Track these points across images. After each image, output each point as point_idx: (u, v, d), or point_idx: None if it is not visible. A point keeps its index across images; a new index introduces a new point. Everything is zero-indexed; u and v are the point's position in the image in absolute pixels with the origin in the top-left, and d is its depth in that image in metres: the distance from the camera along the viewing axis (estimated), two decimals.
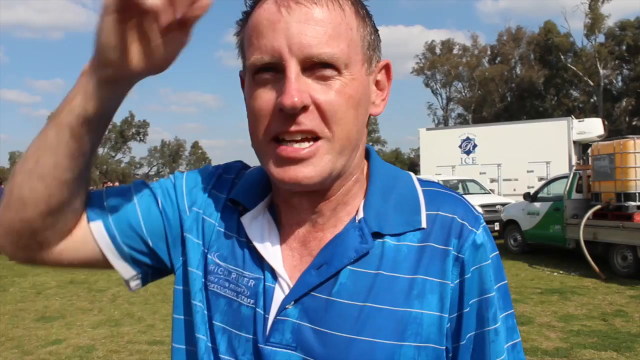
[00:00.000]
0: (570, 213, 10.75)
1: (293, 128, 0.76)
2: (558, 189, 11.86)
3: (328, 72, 0.76)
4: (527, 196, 12.52)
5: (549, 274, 10.01)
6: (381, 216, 0.83)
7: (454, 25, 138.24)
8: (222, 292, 0.86)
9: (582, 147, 18.81)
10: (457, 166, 20.58)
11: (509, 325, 0.87)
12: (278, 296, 0.82)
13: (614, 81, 64.75)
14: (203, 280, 0.88)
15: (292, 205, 0.87)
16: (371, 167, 0.89)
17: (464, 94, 77.23)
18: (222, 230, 0.89)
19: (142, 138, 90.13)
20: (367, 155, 0.92)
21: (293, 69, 0.75)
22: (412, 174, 0.92)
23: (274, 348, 0.80)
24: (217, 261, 0.88)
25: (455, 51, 76.37)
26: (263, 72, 0.77)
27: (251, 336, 0.82)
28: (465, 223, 0.84)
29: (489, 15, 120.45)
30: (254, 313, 0.82)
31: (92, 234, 0.89)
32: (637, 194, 9.51)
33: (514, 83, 70.07)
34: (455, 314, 0.82)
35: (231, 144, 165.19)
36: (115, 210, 0.91)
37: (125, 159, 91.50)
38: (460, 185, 17.35)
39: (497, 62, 72.43)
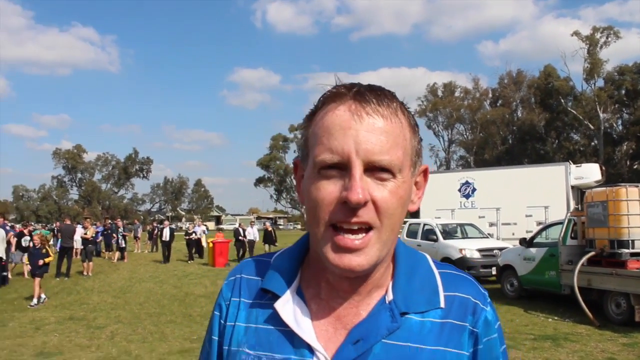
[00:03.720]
0: (565, 259, 10.87)
1: (354, 220, 0.88)
2: (554, 234, 11.96)
3: (385, 175, 0.90)
4: (523, 241, 12.64)
5: (544, 320, 10.08)
6: (407, 297, 0.97)
7: (455, 67, 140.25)
8: None
9: (580, 192, 18.97)
10: (456, 209, 20.73)
11: None
12: None
13: (614, 125, 65.24)
14: None
15: (332, 286, 0.98)
16: (396, 251, 1.02)
17: (465, 136, 77.82)
18: (253, 325, 1.02)
19: (145, 175, 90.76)
20: None
21: (358, 169, 0.87)
22: (427, 256, 1.07)
23: None
24: (248, 351, 0.99)
25: (457, 93, 77.32)
26: (330, 168, 0.90)
27: None
28: (478, 302, 1.00)
29: (490, 58, 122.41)
30: None
31: None
32: (630, 241, 9.64)
33: (515, 126, 70.65)
34: None
35: (233, 182, 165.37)
36: None
37: (128, 195, 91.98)
38: (459, 229, 17.45)
39: (498, 104, 73.20)
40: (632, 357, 7.35)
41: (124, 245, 24.71)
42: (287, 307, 0.99)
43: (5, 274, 16.44)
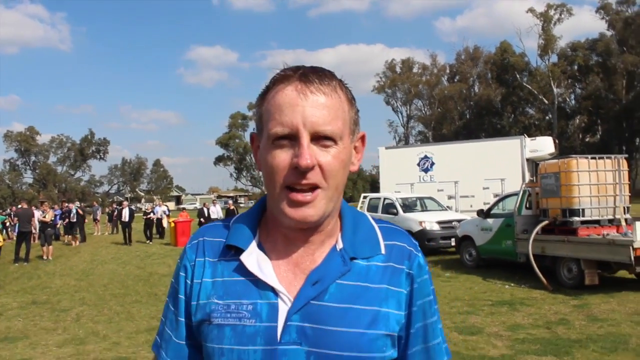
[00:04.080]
0: (520, 228, 11.28)
1: (304, 182, 1.05)
2: (510, 205, 12.38)
3: (328, 142, 1.06)
4: (480, 213, 13.03)
5: (501, 287, 10.49)
6: (354, 245, 1.15)
7: (413, 44, 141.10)
8: (225, 322, 1.10)
9: (535, 164, 19.52)
10: (415, 183, 21.09)
11: (438, 315, 1.23)
12: (282, 308, 1.08)
13: (568, 99, 67.04)
14: (207, 322, 1.13)
15: (289, 238, 1.14)
16: (342, 209, 1.19)
17: (424, 111, 78.69)
18: (219, 279, 1.15)
19: (102, 156, 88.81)
20: None
21: (305, 139, 1.04)
22: (367, 214, 1.25)
23: (285, 347, 1.06)
24: (217, 301, 1.12)
25: (415, 70, 77.91)
26: (281, 139, 1.06)
27: (258, 347, 1.07)
28: (412, 249, 1.19)
29: (447, 34, 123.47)
30: (255, 329, 1.08)
31: None
32: (580, 210, 10.08)
33: (472, 101, 71.80)
34: (407, 311, 1.16)
35: (193, 161, 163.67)
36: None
37: (85, 177, 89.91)
38: (418, 202, 17.81)
39: (455, 80, 74.17)
40: (582, 317, 7.76)
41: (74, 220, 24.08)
42: (251, 258, 1.13)
43: None
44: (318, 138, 1.05)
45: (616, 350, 6.13)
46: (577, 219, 10.05)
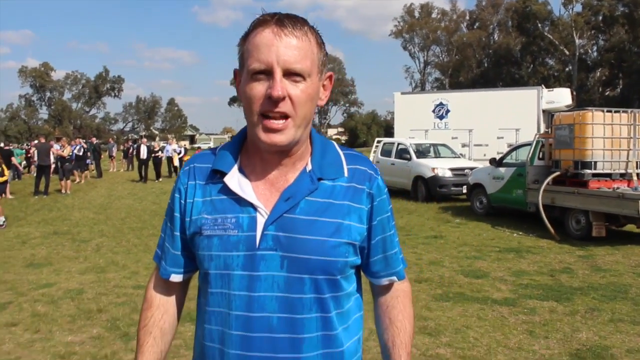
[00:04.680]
0: (531, 178, 11.38)
1: (276, 110, 1.22)
2: (523, 155, 12.41)
3: (298, 78, 1.24)
4: (492, 161, 13.09)
5: (509, 235, 10.70)
6: (322, 168, 1.34)
7: None
8: (213, 233, 1.31)
9: (551, 116, 19.40)
10: (430, 130, 21.05)
11: (395, 230, 1.45)
12: (260, 220, 1.28)
13: (590, 51, 65.43)
14: (198, 234, 1.34)
15: (265, 160, 1.33)
16: (312, 137, 1.39)
17: (441, 58, 77.41)
18: (208, 198, 1.35)
19: (116, 94, 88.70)
20: None
21: (278, 74, 1.21)
22: (334, 142, 1.44)
23: (262, 252, 1.27)
24: (206, 216, 1.33)
25: (434, 15, 76.19)
26: (258, 74, 1.23)
27: (241, 253, 1.28)
28: (372, 173, 1.39)
29: None
30: (238, 238, 1.28)
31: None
32: (592, 162, 10.14)
33: (491, 49, 70.44)
34: (368, 225, 1.37)
35: (207, 101, 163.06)
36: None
37: (100, 115, 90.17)
38: (432, 149, 17.83)
39: (475, 27, 72.56)
40: (585, 267, 7.97)
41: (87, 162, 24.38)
42: (233, 180, 1.33)
43: None
44: (289, 74, 1.23)
45: (615, 299, 6.34)
46: (588, 171, 10.12)
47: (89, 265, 8.09)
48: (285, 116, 1.24)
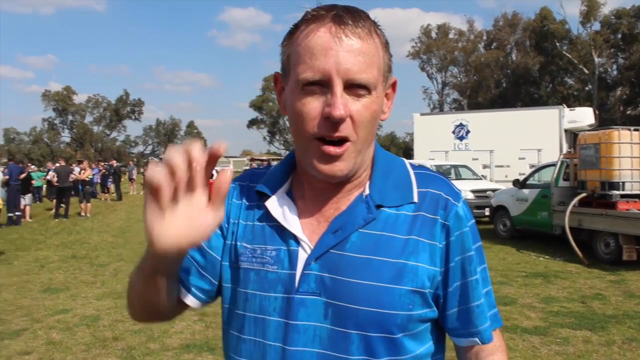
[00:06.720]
0: (557, 200, 11.10)
1: (336, 135, 0.99)
2: (547, 176, 12.16)
3: (362, 92, 0.99)
4: (516, 183, 12.83)
5: (535, 259, 10.40)
6: (382, 192, 1.08)
7: (450, 8, 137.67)
8: (250, 267, 1.09)
9: (573, 135, 19.09)
10: (450, 151, 20.86)
11: (484, 277, 1.13)
12: (302, 256, 1.05)
13: (609, 70, 64.81)
14: (235, 264, 1.12)
15: (317, 187, 1.10)
16: (375, 154, 1.13)
17: (459, 79, 77.22)
18: (250, 223, 1.13)
19: (137, 117, 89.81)
20: None
21: (339, 88, 0.97)
22: (405, 160, 1.17)
23: (302, 296, 1.03)
24: (245, 245, 1.11)
25: (451, 35, 76.17)
26: (312, 85, 0.98)
27: (279, 295, 1.05)
28: (449, 198, 1.09)
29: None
30: (277, 276, 1.05)
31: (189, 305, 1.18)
32: (620, 183, 9.86)
33: (509, 69, 70.10)
34: (444, 268, 1.07)
35: (226, 124, 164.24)
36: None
37: (121, 137, 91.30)
38: (452, 171, 17.64)
39: (492, 47, 72.36)
40: (618, 293, 7.65)
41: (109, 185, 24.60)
42: (276, 205, 1.11)
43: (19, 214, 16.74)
44: (351, 87, 0.99)
45: None
46: (616, 192, 9.83)
47: (106, 291, 7.97)
48: (344, 139, 1.00)
